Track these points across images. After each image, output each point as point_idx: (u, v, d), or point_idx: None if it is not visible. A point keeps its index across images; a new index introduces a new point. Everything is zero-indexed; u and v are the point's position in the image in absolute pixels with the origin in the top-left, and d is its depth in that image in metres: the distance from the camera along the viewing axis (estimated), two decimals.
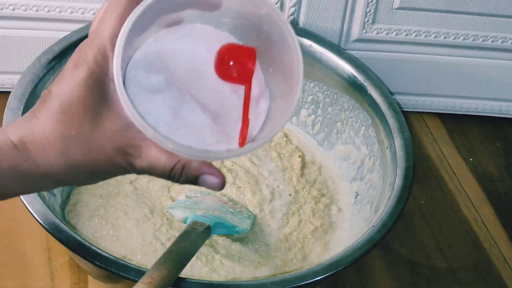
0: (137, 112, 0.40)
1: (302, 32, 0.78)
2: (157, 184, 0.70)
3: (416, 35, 0.83)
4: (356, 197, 0.73)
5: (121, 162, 0.43)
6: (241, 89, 0.44)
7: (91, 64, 0.41)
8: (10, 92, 0.65)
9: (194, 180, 0.43)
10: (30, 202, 0.58)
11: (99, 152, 0.42)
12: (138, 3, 0.41)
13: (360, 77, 0.74)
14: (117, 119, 0.42)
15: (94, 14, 0.76)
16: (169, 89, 0.43)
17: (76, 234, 0.56)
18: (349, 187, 0.74)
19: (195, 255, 0.57)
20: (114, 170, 0.43)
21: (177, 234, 0.64)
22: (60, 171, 0.42)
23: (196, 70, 0.44)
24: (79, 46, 0.43)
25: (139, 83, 0.42)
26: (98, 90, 0.41)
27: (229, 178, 0.71)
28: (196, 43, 0.44)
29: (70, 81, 0.42)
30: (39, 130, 0.42)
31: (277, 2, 0.78)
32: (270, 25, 0.42)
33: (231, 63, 0.44)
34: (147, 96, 0.42)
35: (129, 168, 0.43)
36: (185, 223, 0.65)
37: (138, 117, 0.40)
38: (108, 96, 0.41)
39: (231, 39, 0.45)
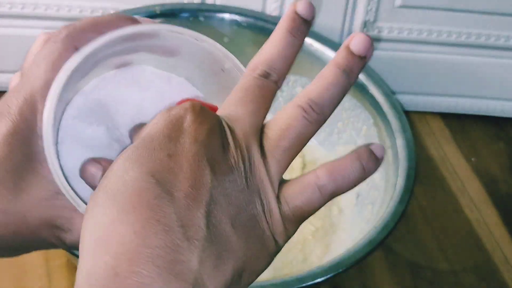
0: (68, 183, 0.34)
1: None
2: None
3: (418, 34, 0.82)
4: (357, 198, 0.72)
5: (48, 236, 0.36)
6: None
7: (15, 117, 0.34)
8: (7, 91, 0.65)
9: None
10: None
11: (20, 224, 0.35)
12: (76, 48, 0.35)
13: (361, 76, 0.74)
14: (44, 185, 0.35)
15: (92, 12, 0.76)
16: (110, 145, 0.37)
17: None
18: None
19: None
20: (39, 245, 0.37)
21: None
22: None
23: (144, 122, 0.38)
24: (6, 93, 0.36)
25: (75, 136, 0.36)
26: (22, 149, 0.35)
27: None
28: (146, 89, 0.38)
29: None
30: None
31: (277, 0, 0.78)
32: (233, 82, 0.37)
33: None
34: (84, 153, 0.36)
35: (57, 243, 0.37)
36: None
37: (70, 190, 0.34)
38: (34, 157, 0.35)
39: (187, 87, 0.39)
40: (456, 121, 0.89)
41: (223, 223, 0.30)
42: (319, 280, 0.56)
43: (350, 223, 0.71)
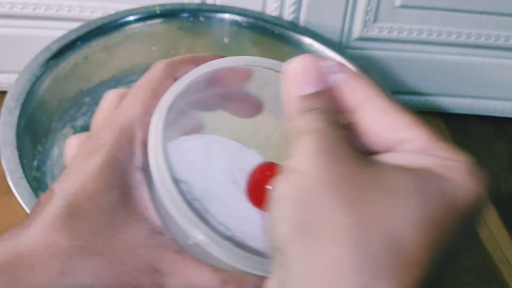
0: (182, 199, 0.29)
1: (302, 30, 0.77)
2: None
3: (418, 34, 0.82)
4: None
5: (147, 283, 0.30)
6: None
7: (110, 147, 0.31)
8: (7, 91, 0.65)
9: None
10: (27, 203, 0.57)
11: (116, 270, 0.30)
12: (175, 79, 0.33)
13: None
14: (141, 223, 0.30)
15: (92, 12, 0.75)
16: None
17: None
18: None
19: None
20: None
21: None
22: None
23: (222, 192, 0.34)
24: (89, 134, 0.33)
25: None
26: (118, 183, 0.31)
27: None
28: (217, 158, 0.35)
29: (79, 173, 0.31)
30: (28, 244, 0.30)
31: (277, 0, 0.78)
32: None
33: (270, 187, 0.32)
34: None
35: None
36: None
37: (185, 206, 0.29)
38: (130, 192, 0.31)
39: (259, 158, 0.36)
40: (456, 121, 0.89)
41: None
42: None
43: None
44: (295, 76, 0.30)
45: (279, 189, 0.27)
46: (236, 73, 0.35)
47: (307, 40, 0.76)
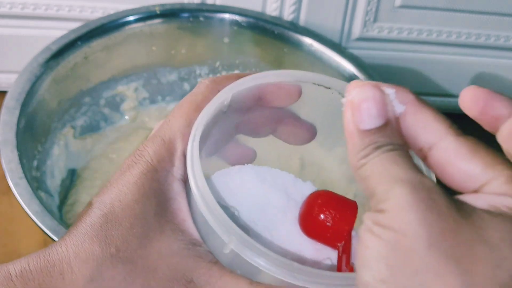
0: (217, 204, 0.29)
1: (302, 30, 0.77)
2: None
3: (418, 34, 0.82)
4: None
5: None
6: (330, 252, 0.34)
7: (149, 157, 0.31)
8: (7, 91, 0.65)
9: None
10: (27, 203, 0.57)
11: (148, 279, 0.29)
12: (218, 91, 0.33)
13: (361, 77, 0.73)
14: (178, 234, 0.30)
15: (92, 12, 0.75)
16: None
17: None
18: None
19: None
20: None
21: None
22: None
23: (273, 221, 0.34)
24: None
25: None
26: (155, 193, 0.31)
27: None
28: (270, 186, 0.35)
29: (117, 184, 0.31)
30: (60, 253, 0.30)
31: (277, 0, 0.78)
32: None
33: (321, 216, 0.33)
34: None
35: None
36: None
37: (223, 214, 0.28)
38: (167, 203, 0.31)
39: (313, 189, 0.36)
40: (455, 121, 0.89)
41: None
42: None
43: None
44: (360, 107, 0.29)
45: (371, 247, 0.26)
46: (284, 90, 0.34)
47: (307, 40, 0.76)
